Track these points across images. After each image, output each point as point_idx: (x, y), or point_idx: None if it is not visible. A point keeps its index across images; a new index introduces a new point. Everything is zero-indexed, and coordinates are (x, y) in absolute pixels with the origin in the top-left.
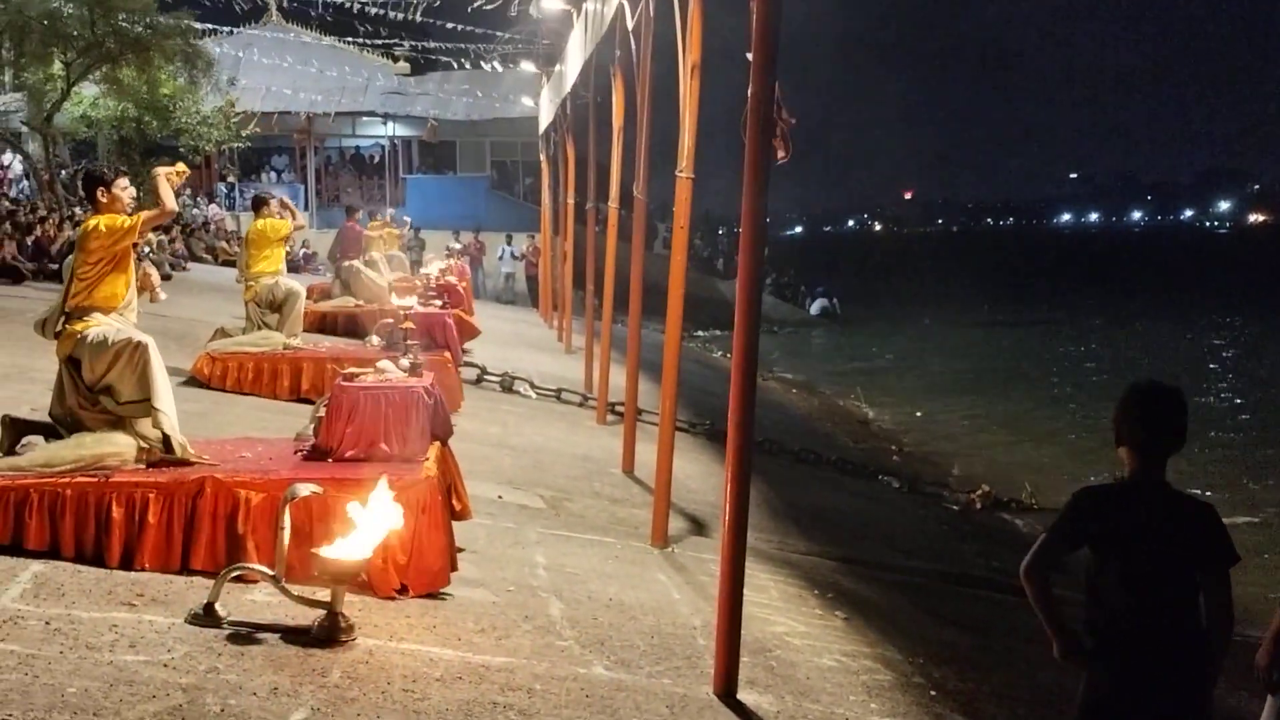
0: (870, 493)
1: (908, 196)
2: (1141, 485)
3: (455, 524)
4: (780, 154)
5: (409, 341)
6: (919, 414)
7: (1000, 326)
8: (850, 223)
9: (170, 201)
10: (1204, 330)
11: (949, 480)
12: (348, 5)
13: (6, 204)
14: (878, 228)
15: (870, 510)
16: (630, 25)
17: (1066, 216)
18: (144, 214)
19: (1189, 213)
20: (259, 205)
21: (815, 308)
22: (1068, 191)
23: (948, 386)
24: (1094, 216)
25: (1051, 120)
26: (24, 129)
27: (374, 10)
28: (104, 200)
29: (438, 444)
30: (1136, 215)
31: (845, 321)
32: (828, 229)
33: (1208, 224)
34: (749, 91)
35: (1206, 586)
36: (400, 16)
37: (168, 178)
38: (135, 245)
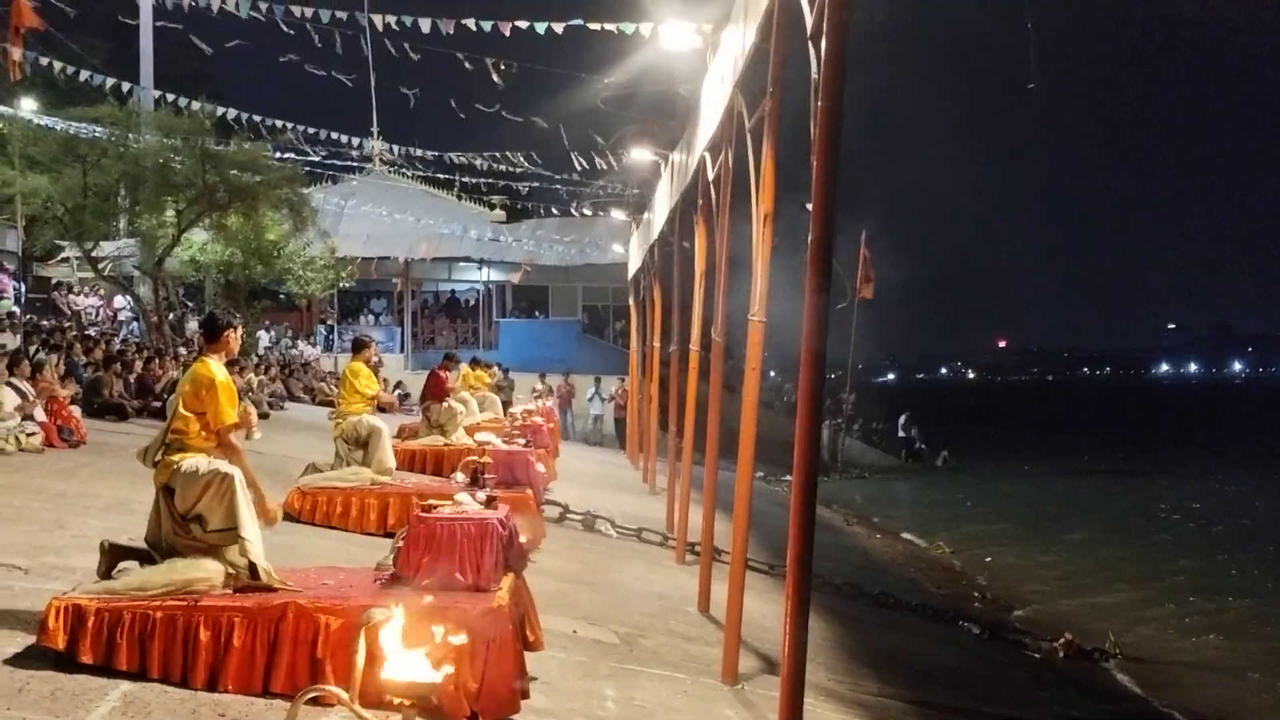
0: (950, 638)
1: (1002, 344)
2: None
3: (528, 654)
4: (865, 294)
5: (486, 476)
6: (1007, 560)
7: (1097, 475)
8: (943, 370)
9: (231, 439)
10: None
11: (1030, 627)
12: (446, 160)
13: (116, 344)
14: (971, 375)
15: (947, 655)
16: (711, 176)
17: (1165, 367)
18: (224, 424)
19: None
20: (359, 348)
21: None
22: (1165, 342)
23: (1039, 534)
24: (1193, 368)
25: (1148, 270)
26: (135, 273)
27: (473, 161)
28: (214, 343)
29: (511, 574)
30: (1237, 367)
31: (951, 469)
32: (920, 376)
33: None
34: (809, 238)
35: None
36: (499, 166)
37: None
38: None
